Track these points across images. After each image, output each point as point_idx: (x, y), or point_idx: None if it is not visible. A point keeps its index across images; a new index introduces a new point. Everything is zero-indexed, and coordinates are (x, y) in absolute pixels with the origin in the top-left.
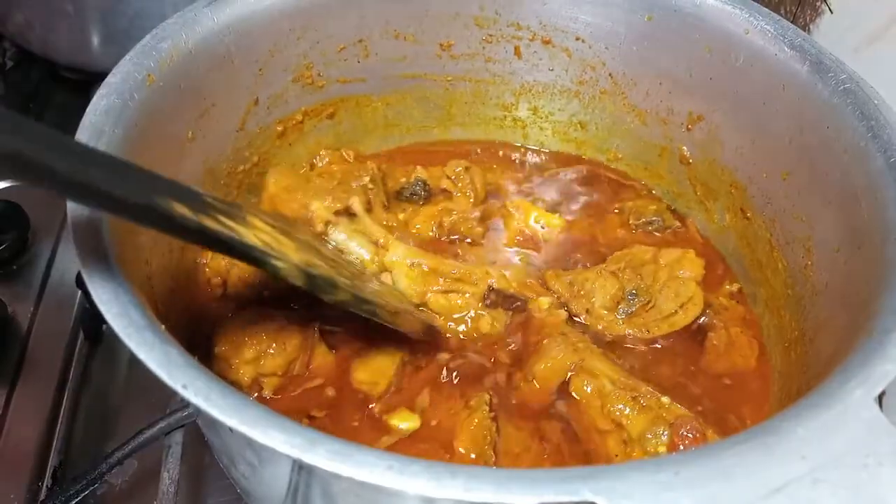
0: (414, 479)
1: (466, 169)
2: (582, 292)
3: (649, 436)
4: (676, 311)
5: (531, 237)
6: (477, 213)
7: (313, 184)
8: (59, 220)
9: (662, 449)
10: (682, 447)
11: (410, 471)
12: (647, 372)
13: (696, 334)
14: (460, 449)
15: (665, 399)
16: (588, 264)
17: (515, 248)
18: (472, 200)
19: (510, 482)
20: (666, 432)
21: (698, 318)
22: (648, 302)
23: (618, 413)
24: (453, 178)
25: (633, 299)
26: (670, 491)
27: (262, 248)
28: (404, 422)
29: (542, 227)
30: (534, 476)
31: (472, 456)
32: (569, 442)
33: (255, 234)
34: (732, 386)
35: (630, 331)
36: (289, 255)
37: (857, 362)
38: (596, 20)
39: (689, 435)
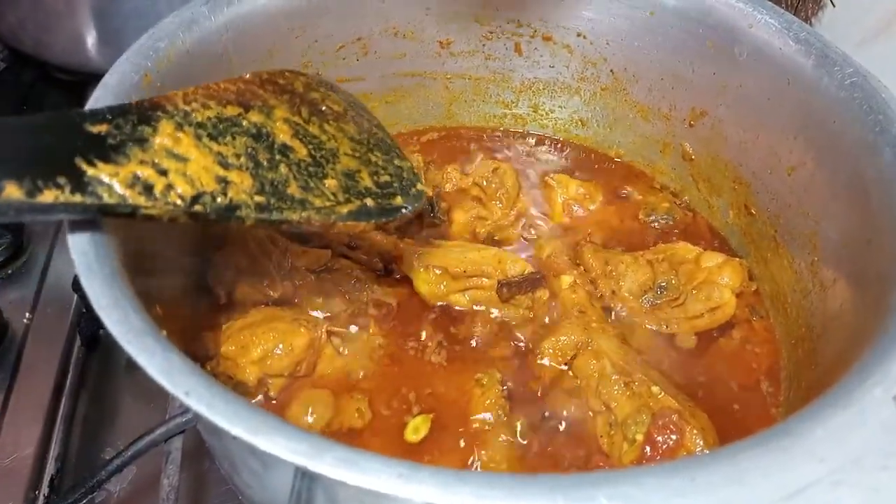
0: (423, 486)
1: (495, 171)
2: (614, 273)
3: (631, 422)
4: (703, 315)
5: (573, 211)
6: (512, 216)
7: None
8: (54, 223)
9: (640, 437)
10: (658, 438)
11: (419, 477)
12: (661, 362)
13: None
14: (475, 425)
15: (655, 388)
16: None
17: (558, 224)
18: (502, 205)
19: (522, 489)
20: (647, 421)
21: (723, 326)
22: (676, 299)
23: (608, 396)
24: (483, 183)
25: (660, 292)
26: (685, 496)
27: (118, 202)
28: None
29: (578, 207)
30: (546, 482)
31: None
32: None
33: (136, 168)
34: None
35: (648, 322)
36: (175, 192)
37: (873, 361)
38: (597, 16)
39: (667, 428)
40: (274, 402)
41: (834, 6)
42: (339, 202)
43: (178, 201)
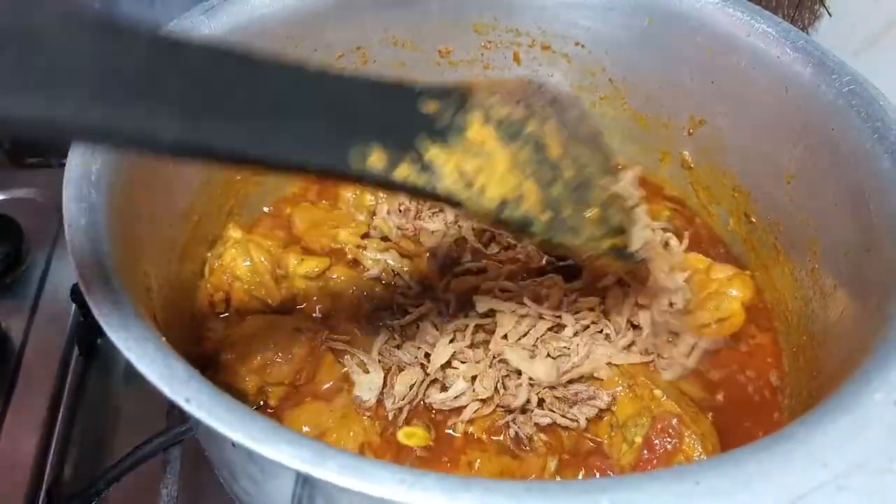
0: (426, 492)
1: None
2: None
3: (631, 424)
4: (711, 325)
5: None
6: None
7: (335, 213)
8: (53, 232)
9: (638, 440)
10: (655, 441)
11: (422, 484)
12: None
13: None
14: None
15: (658, 392)
16: None
17: None
18: None
19: (527, 495)
20: (647, 424)
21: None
22: (686, 306)
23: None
24: None
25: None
26: (689, 501)
27: (447, 192)
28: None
29: None
30: (551, 488)
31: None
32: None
33: (459, 160)
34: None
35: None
36: (488, 194)
37: (874, 366)
38: (595, 25)
39: (665, 432)
40: (270, 411)
41: (830, 16)
42: (599, 236)
43: (490, 204)
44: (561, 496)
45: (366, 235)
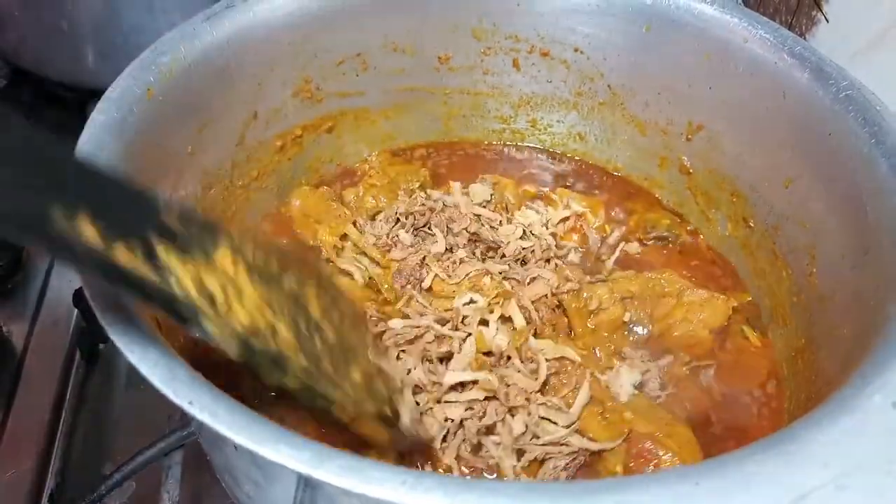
0: (428, 493)
1: (495, 185)
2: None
3: (608, 454)
4: (677, 351)
5: (577, 229)
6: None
7: (324, 207)
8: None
9: (619, 469)
10: (635, 470)
11: (424, 485)
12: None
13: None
14: None
15: (628, 414)
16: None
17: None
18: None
19: (528, 495)
20: (623, 450)
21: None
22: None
23: (585, 427)
24: (483, 201)
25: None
26: (691, 502)
27: (189, 303)
28: None
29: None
30: (553, 489)
31: None
32: None
33: (202, 274)
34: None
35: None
36: (235, 316)
37: (873, 368)
38: (594, 31)
39: (641, 456)
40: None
41: (828, 21)
42: (363, 398)
43: (237, 326)
44: (563, 497)
45: (345, 237)
